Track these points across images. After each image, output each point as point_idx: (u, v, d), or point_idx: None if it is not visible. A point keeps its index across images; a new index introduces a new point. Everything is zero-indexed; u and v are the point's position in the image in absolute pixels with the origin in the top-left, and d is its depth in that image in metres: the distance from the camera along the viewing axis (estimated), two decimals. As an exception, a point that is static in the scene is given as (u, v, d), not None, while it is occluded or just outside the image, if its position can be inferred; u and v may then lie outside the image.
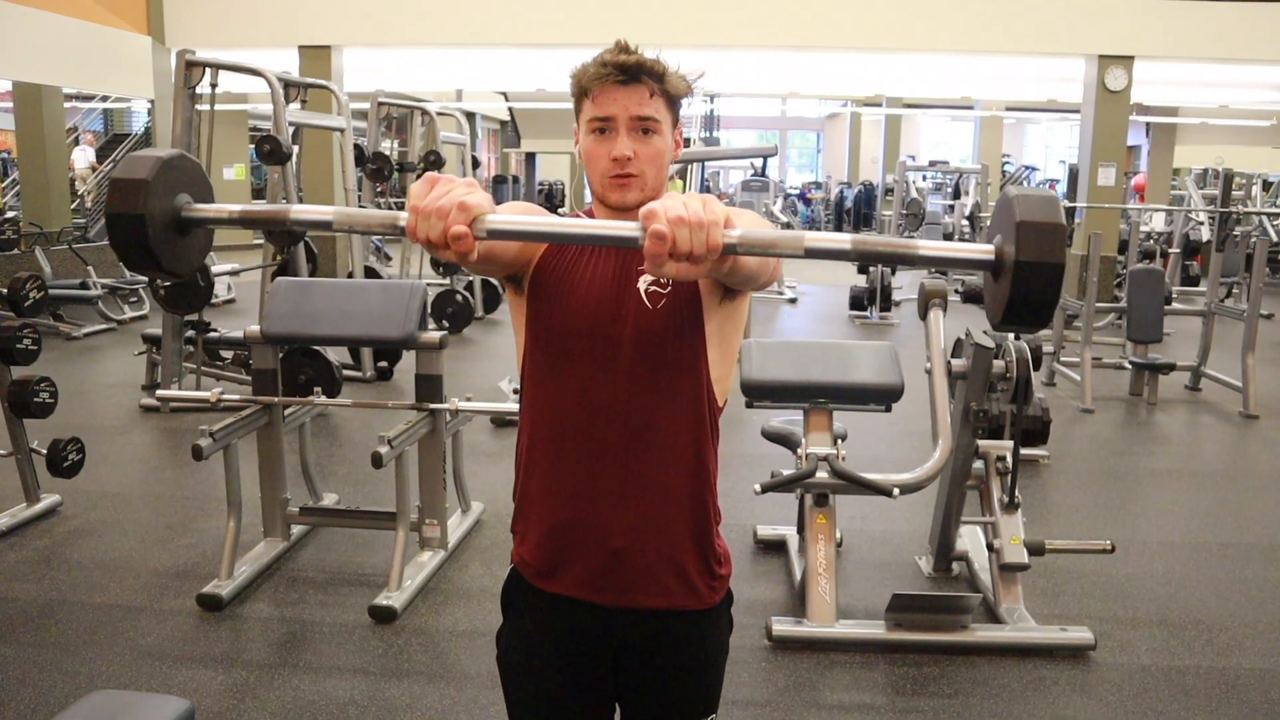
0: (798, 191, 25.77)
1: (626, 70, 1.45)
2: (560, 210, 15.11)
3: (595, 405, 1.50)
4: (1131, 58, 10.45)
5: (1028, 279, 1.13)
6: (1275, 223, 12.61)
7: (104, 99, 16.01)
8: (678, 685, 1.59)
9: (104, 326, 9.45)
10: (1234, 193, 10.75)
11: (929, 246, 1.22)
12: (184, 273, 1.32)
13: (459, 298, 9.14)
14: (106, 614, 3.53)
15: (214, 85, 6.17)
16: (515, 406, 1.83)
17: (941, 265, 1.29)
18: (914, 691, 3.10)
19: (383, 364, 7.29)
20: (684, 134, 1.61)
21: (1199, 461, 5.91)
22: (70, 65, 10.12)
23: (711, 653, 1.62)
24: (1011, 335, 3.69)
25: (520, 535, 1.63)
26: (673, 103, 1.52)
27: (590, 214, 1.60)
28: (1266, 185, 16.70)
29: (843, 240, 1.18)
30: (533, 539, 1.58)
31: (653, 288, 1.50)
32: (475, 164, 11.51)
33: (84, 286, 9.65)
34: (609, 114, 1.47)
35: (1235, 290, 11.39)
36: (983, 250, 1.21)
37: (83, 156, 15.87)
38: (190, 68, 6.14)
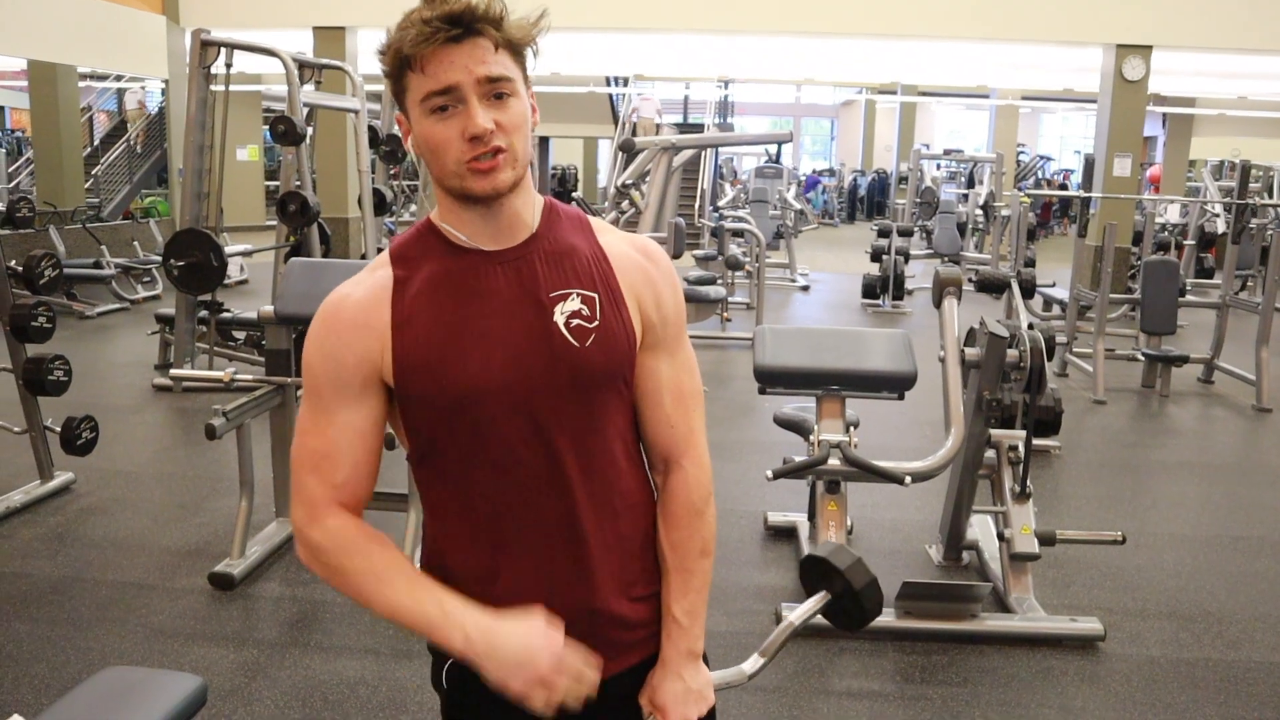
0: (809, 178, 25.63)
1: (457, 20, 1.14)
2: (574, 196, 15.07)
3: (531, 473, 1.24)
4: (1150, 47, 10.36)
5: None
6: (1292, 215, 12.52)
7: (118, 78, 16.02)
8: None
9: (117, 306, 9.49)
10: (1251, 185, 10.65)
11: None
12: None
13: (471, 281, 9.13)
14: (119, 591, 3.55)
15: (228, 65, 6.16)
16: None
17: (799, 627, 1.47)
18: (923, 679, 3.11)
19: (394, 346, 7.29)
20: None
21: (1211, 454, 5.89)
22: (85, 44, 10.14)
23: None
24: (1025, 324, 3.67)
25: None
26: (519, 55, 1.21)
27: (428, 228, 1.27)
28: (1284, 177, 16.58)
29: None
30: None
31: (575, 320, 1.23)
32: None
33: (98, 266, 9.70)
34: (449, 82, 1.15)
35: (1250, 283, 11.35)
36: (816, 601, 1.45)
37: (132, 98, 16.05)
38: (205, 47, 6.13)
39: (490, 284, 1.23)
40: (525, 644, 1.18)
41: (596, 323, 1.23)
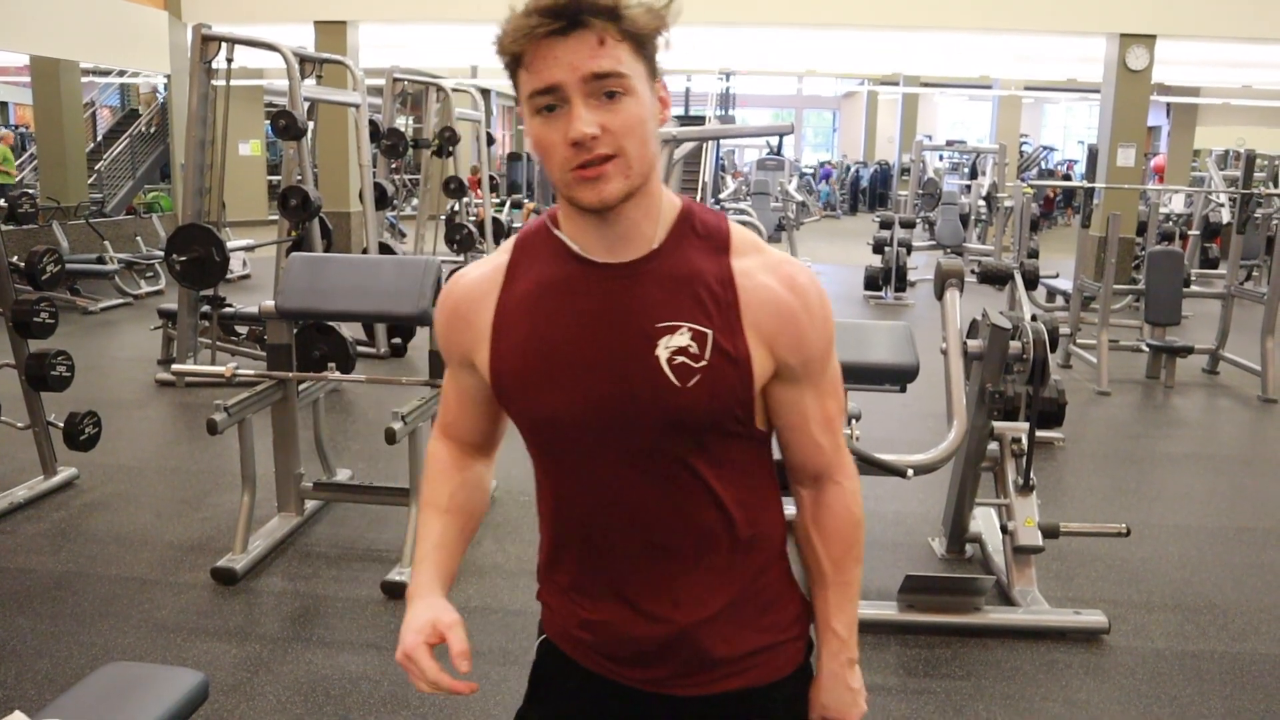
0: (822, 169, 25.56)
1: (561, 13, 1.03)
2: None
3: (609, 499, 1.20)
4: (1154, 36, 10.33)
5: None
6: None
7: (121, 74, 16.02)
8: None
9: (120, 301, 9.49)
10: (1256, 174, 10.61)
11: None
12: None
13: (473, 275, 9.12)
14: (121, 586, 3.55)
15: (230, 60, 6.16)
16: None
17: None
18: (926, 673, 3.10)
19: (396, 340, 7.29)
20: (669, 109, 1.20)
21: (1216, 445, 5.87)
22: (87, 40, 10.14)
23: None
24: (1029, 316, 3.66)
25: (552, 609, 1.34)
26: (642, 47, 1.08)
27: (554, 221, 1.20)
28: (1289, 167, 16.51)
29: None
30: (571, 624, 1.30)
31: (679, 358, 1.13)
32: (490, 141, 11.48)
33: (101, 261, 9.69)
34: (552, 81, 1.05)
35: (1255, 273, 11.31)
36: None
37: (146, 83, 16.18)
38: (206, 42, 6.13)
39: (594, 303, 1.15)
40: (406, 623, 1.26)
41: (704, 363, 1.12)
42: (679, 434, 1.15)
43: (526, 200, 16.85)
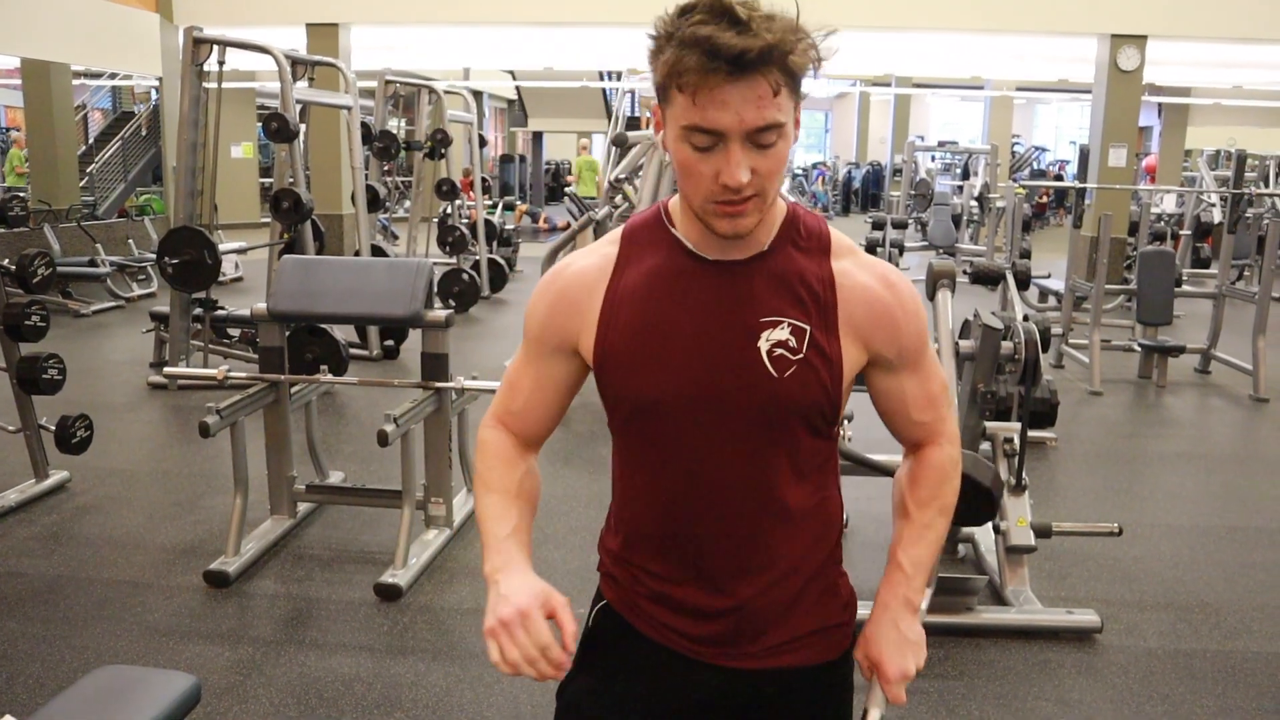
0: (816, 170, 25.54)
1: (744, 63, 1.05)
2: (567, 190, 15.01)
3: (697, 476, 1.26)
4: (1145, 37, 10.35)
5: None
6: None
7: (112, 76, 15.99)
8: None
9: (112, 304, 9.47)
10: (1247, 174, 10.65)
11: None
12: None
13: (465, 277, 9.13)
14: (114, 590, 3.54)
15: (221, 63, 6.14)
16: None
17: None
18: (919, 673, 3.09)
19: (389, 343, 7.29)
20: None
21: (1208, 445, 5.89)
22: (78, 42, 10.11)
23: (844, 707, 1.42)
24: (1021, 316, 3.67)
25: (616, 580, 1.38)
26: (796, 84, 1.12)
27: (662, 215, 1.27)
28: (1280, 167, 16.58)
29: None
30: (639, 594, 1.35)
31: (778, 350, 1.21)
32: (482, 143, 11.47)
33: (92, 264, 9.67)
34: (718, 126, 1.08)
35: (1246, 273, 11.35)
36: None
37: (142, 81, 16.51)
38: (198, 45, 6.11)
39: (704, 295, 1.22)
40: (505, 595, 1.24)
41: (800, 356, 1.21)
42: (769, 421, 1.23)
43: (519, 202, 16.86)
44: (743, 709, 1.33)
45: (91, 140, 16.28)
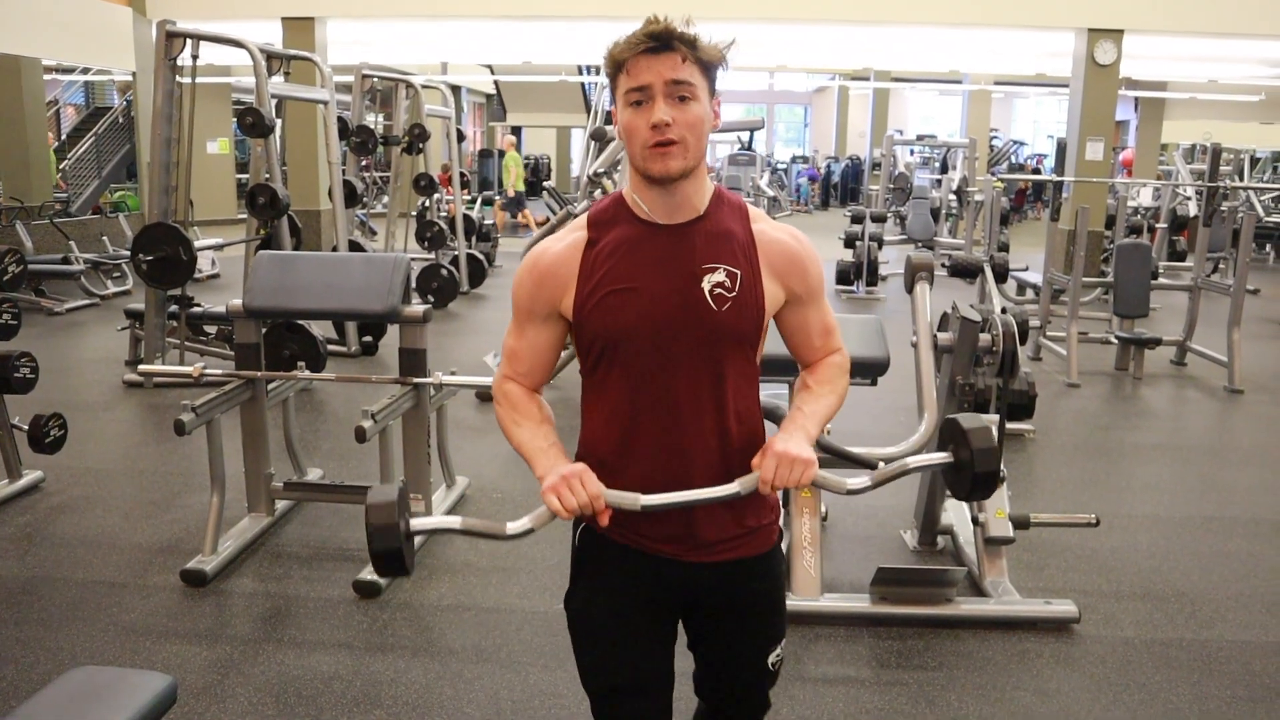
0: (807, 169, 25.48)
1: (657, 38, 1.49)
2: (546, 184, 14.98)
3: (657, 395, 1.60)
4: (1121, 31, 10.41)
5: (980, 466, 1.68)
6: (1262, 198, 12.63)
7: (85, 71, 15.82)
8: (756, 621, 1.76)
9: (87, 302, 9.38)
10: (1222, 168, 10.72)
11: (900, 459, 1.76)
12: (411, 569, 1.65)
13: (443, 272, 9.10)
14: (89, 590, 3.51)
15: (195, 57, 6.09)
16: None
17: (912, 474, 1.76)
18: (898, 665, 3.11)
19: (367, 338, 7.25)
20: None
21: (1184, 436, 5.93)
22: (50, 36, 9.98)
23: (776, 588, 1.78)
24: (999, 309, 3.68)
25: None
26: (707, 70, 1.53)
27: (620, 199, 1.63)
28: (1254, 160, 16.71)
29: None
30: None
31: (718, 290, 1.57)
32: (460, 137, 11.42)
33: (66, 261, 9.58)
34: (644, 82, 1.50)
35: (1222, 265, 11.45)
36: (942, 457, 1.74)
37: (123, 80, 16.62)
38: (171, 39, 6.06)
39: (658, 252, 1.58)
40: (559, 470, 1.56)
41: (734, 294, 1.57)
42: (712, 344, 1.59)
43: (497, 197, 16.80)
44: (707, 592, 1.71)
45: (64, 136, 16.10)
